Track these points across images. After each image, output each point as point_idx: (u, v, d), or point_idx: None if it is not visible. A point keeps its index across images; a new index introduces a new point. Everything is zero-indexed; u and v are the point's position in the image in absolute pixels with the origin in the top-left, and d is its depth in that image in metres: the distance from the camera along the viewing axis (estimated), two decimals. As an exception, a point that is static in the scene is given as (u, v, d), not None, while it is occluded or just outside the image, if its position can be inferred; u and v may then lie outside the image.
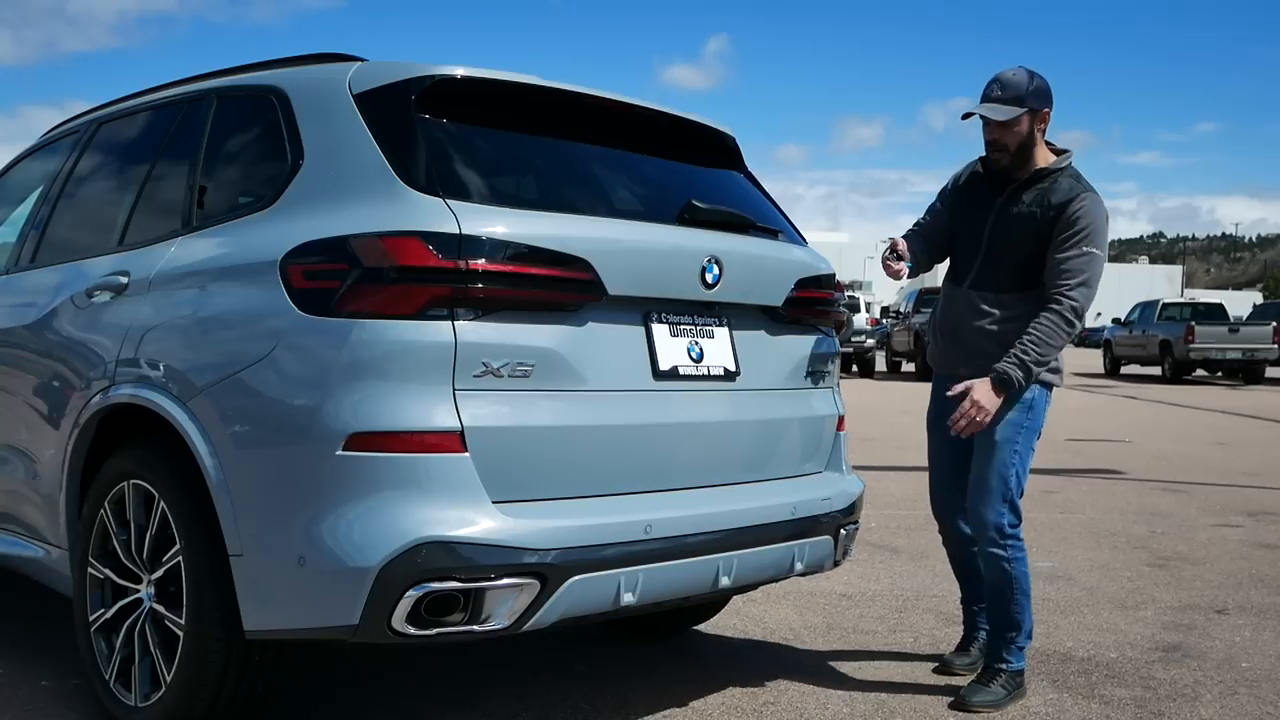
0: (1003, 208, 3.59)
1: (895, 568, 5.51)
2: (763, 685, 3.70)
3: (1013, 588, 3.55)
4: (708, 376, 3.17)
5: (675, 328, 3.12)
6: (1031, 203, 3.53)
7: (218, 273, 3.03)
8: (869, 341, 25.28)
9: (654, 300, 3.06)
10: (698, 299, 3.14)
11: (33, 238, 4.01)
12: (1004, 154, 3.54)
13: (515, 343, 2.75)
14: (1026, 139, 3.52)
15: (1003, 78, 3.51)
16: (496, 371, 2.71)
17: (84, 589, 3.26)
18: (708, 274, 3.12)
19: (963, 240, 3.70)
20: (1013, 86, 3.49)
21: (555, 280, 2.81)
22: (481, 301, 2.70)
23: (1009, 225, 3.56)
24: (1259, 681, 3.85)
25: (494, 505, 2.67)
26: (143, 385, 3.07)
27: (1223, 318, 25.49)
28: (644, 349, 3.04)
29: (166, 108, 3.75)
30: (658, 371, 3.05)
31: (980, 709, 3.45)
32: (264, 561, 2.73)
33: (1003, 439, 3.52)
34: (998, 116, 3.48)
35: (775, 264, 3.43)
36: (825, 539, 3.41)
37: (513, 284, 2.74)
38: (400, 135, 2.93)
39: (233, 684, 2.90)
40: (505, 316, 2.73)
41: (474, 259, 2.67)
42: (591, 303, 2.89)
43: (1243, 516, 7.24)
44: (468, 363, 2.68)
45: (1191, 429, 13.42)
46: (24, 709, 3.35)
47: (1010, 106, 3.48)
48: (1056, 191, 3.52)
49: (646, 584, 2.88)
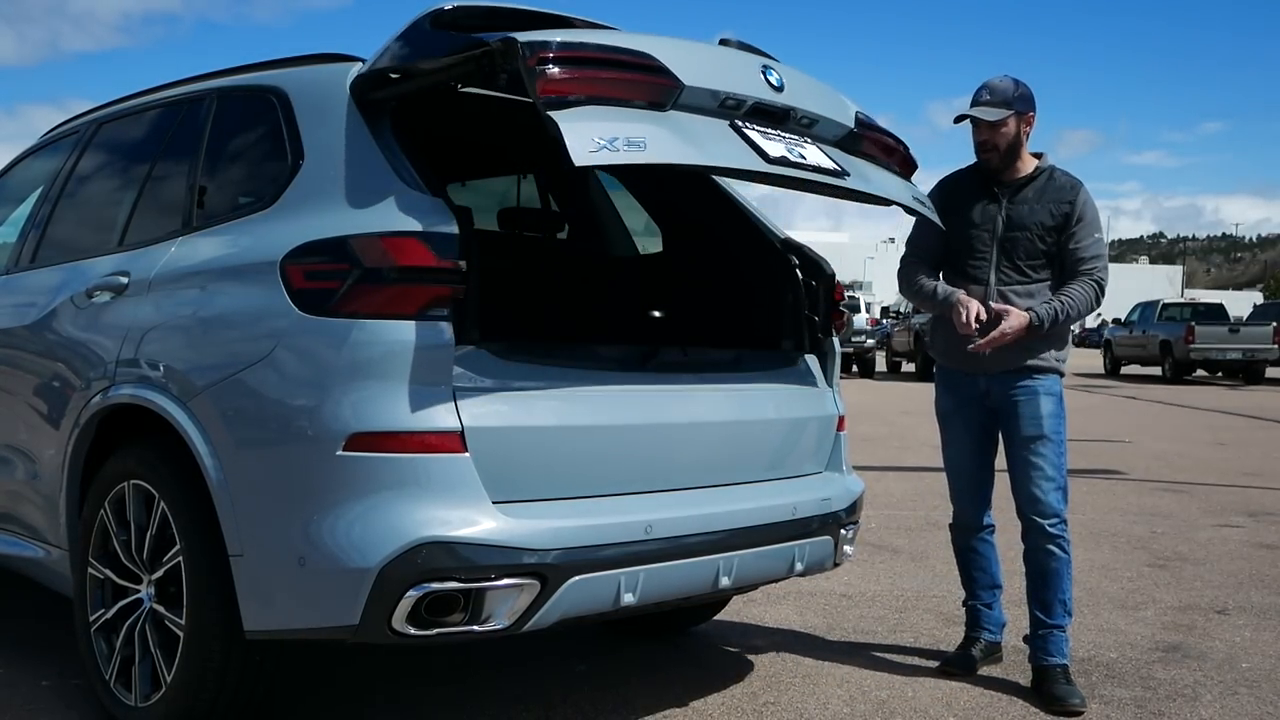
0: (1010, 207, 3.76)
1: (895, 568, 5.51)
2: (763, 685, 3.70)
3: (1068, 570, 3.71)
4: (820, 170, 3.07)
5: (765, 134, 3.00)
6: (1036, 199, 3.75)
7: (218, 273, 3.03)
8: (869, 342, 25.30)
9: (730, 103, 2.95)
10: (772, 101, 3.03)
11: (33, 237, 4.01)
12: (994, 154, 3.76)
13: (620, 122, 2.66)
14: (1014, 140, 3.75)
15: (991, 84, 3.76)
16: (612, 146, 2.59)
17: (84, 589, 3.26)
18: (769, 75, 3.05)
19: (970, 243, 3.79)
20: (1000, 91, 3.74)
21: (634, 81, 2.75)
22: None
23: (1021, 222, 3.74)
24: (1259, 682, 3.85)
25: (494, 505, 2.68)
26: (143, 385, 3.07)
27: (1223, 318, 25.47)
28: (743, 143, 2.93)
29: (167, 108, 3.75)
30: (767, 158, 2.93)
31: (1082, 708, 3.50)
32: (264, 562, 2.73)
33: (1050, 430, 3.70)
34: (988, 117, 3.71)
35: (828, 90, 3.34)
36: (826, 539, 3.41)
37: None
38: (400, 135, 2.94)
39: (233, 684, 2.90)
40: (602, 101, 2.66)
41: None
42: (671, 89, 2.80)
43: (1243, 517, 7.23)
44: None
45: (1192, 429, 13.42)
46: (25, 708, 3.35)
47: (999, 109, 3.71)
48: (1058, 187, 3.76)
49: (647, 584, 2.88)
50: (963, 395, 3.84)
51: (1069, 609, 3.73)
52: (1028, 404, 3.70)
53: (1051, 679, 3.61)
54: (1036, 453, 3.69)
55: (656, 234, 4.36)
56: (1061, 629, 3.70)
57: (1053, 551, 3.69)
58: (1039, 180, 3.77)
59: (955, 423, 3.90)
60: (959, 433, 3.90)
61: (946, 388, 3.93)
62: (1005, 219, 3.75)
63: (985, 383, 3.77)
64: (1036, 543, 3.71)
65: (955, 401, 3.88)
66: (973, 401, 3.82)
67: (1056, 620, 3.70)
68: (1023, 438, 3.71)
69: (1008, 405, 3.73)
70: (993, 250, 3.75)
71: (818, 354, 3.66)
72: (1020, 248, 3.73)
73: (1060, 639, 3.69)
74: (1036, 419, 3.69)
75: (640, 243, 4.56)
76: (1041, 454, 3.69)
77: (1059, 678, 3.61)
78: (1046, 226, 3.72)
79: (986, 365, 3.73)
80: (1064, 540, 3.69)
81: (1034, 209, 3.73)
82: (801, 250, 3.75)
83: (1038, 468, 3.68)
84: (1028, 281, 3.73)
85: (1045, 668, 3.66)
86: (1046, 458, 3.69)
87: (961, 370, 3.82)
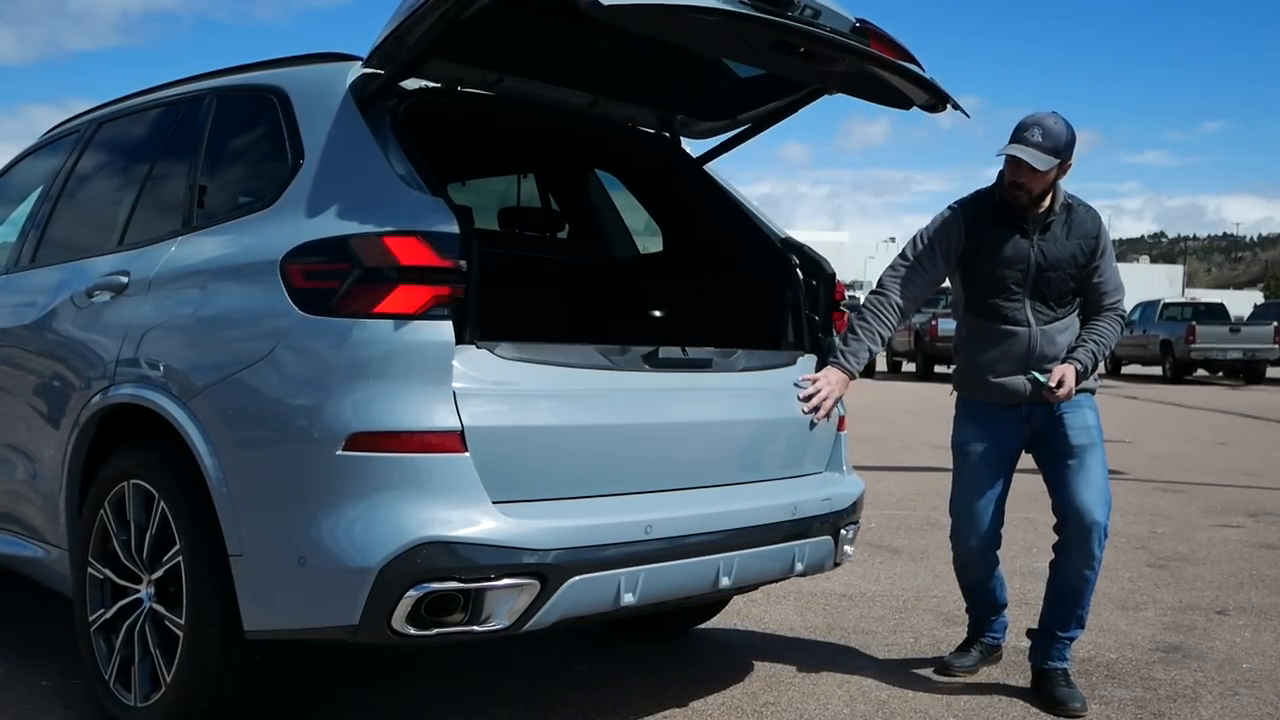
0: (1043, 245, 3.63)
1: (895, 568, 5.51)
2: (763, 685, 3.70)
3: (1093, 587, 3.65)
4: (834, 32, 3.00)
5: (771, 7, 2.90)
6: (1065, 235, 3.64)
7: (218, 273, 3.03)
8: (869, 341, 25.23)
9: None
10: None
11: (33, 237, 4.01)
12: (1024, 194, 3.58)
13: None
14: (1050, 186, 3.59)
15: (1045, 124, 3.50)
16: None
17: (84, 589, 3.25)
18: None
19: (1003, 282, 3.66)
20: (1054, 136, 3.49)
21: None
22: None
23: (1056, 261, 3.63)
24: (1259, 682, 3.85)
25: (494, 505, 2.67)
26: (143, 385, 3.07)
27: (1224, 318, 25.47)
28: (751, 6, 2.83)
29: (167, 107, 3.75)
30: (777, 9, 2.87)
31: (1082, 711, 3.49)
32: (264, 561, 2.72)
33: (1096, 442, 3.68)
34: (1040, 166, 3.47)
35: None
36: (826, 539, 3.41)
37: None
38: (400, 135, 2.94)
39: (233, 684, 2.89)
40: None
41: None
42: None
43: (1243, 517, 7.23)
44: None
45: (1192, 429, 13.42)
46: (25, 708, 3.35)
47: (1049, 156, 3.48)
48: (1081, 221, 3.66)
49: (647, 584, 2.88)
50: (995, 426, 3.72)
51: (1083, 623, 3.69)
52: (1075, 415, 3.64)
53: (1052, 681, 3.61)
54: (1086, 464, 3.60)
55: (657, 233, 4.36)
56: (1071, 640, 3.68)
57: (1085, 574, 3.59)
58: (1064, 215, 3.65)
59: (977, 458, 3.75)
60: (979, 468, 3.75)
61: (974, 419, 3.78)
62: (1040, 258, 3.62)
63: (1028, 408, 3.69)
64: (1071, 562, 3.61)
65: (983, 433, 3.74)
66: (1006, 432, 3.71)
67: (1069, 633, 3.66)
68: (1071, 447, 3.62)
69: (1052, 420, 3.66)
70: (1026, 289, 3.64)
71: (818, 354, 3.66)
72: (1053, 286, 3.64)
73: (1066, 647, 3.67)
74: (1086, 428, 3.64)
75: (640, 242, 4.56)
76: (1091, 466, 3.60)
77: (1060, 680, 3.61)
78: (1078, 264, 3.64)
79: (1030, 397, 3.65)
80: (1099, 561, 3.60)
81: (1064, 245, 3.62)
82: (802, 250, 3.74)
83: (1089, 482, 3.59)
84: (1060, 318, 3.67)
85: (1046, 670, 3.65)
86: (1095, 470, 3.62)
87: (1002, 403, 3.72)
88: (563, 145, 4.29)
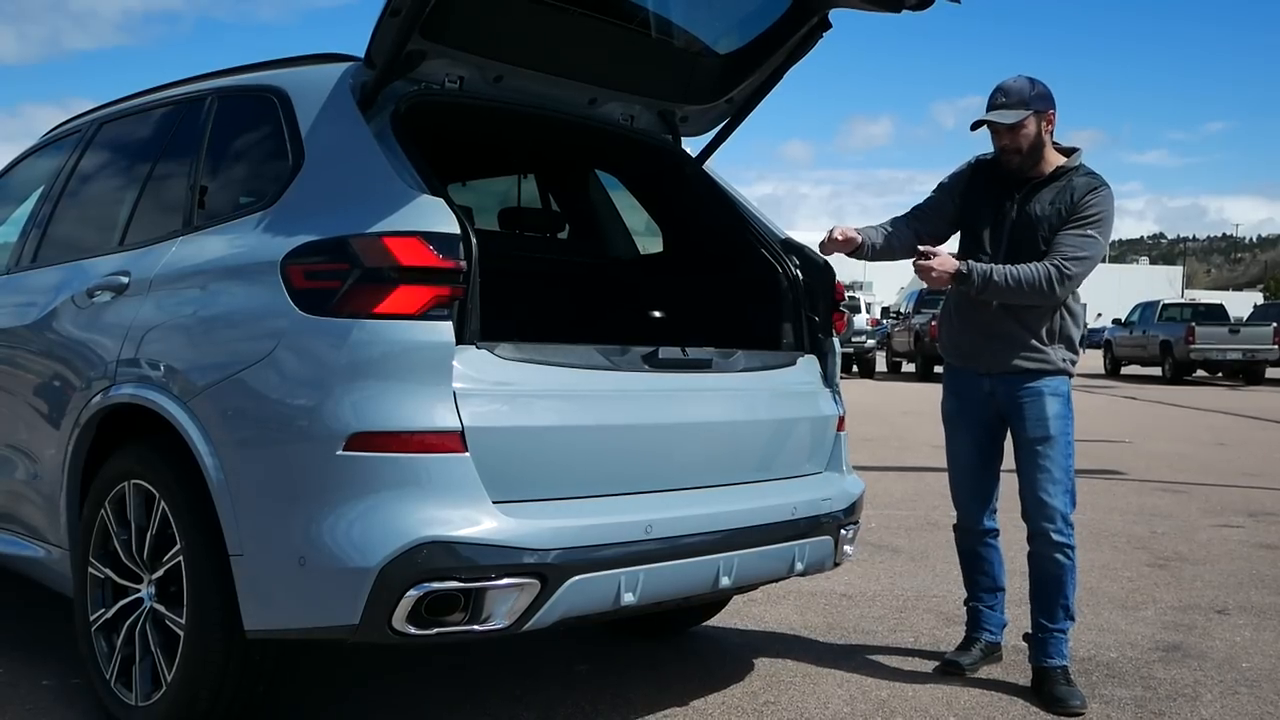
0: (1023, 207, 3.70)
1: (895, 568, 5.51)
2: (763, 684, 3.70)
3: (1072, 574, 3.69)
4: None
5: None
6: (1051, 201, 3.67)
7: (218, 273, 3.03)
8: (869, 342, 25.29)
9: None
10: None
11: (34, 237, 4.01)
12: (1016, 155, 3.67)
13: None
14: (1036, 140, 3.65)
15: (1005, 86, 3.66)
16: None
17: (84, 589, 3.26)
18: None
19: (981, 240, 3.77)
20: (1015, 92, 3.63)
21: None
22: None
23: (1032, 224, 3.68)
24: (1259, 681, 3.85)
25: (494, 505, 2.68)
26: (143, 385, 3.07)
27: (1223, 318, 25.48)
28: None
29: (168, 107, 3.76)
30: None
31: (1082, 709, 3.50)
32: (264, 561, 2.73)
33: (1057, 432, 3.67)
34: (1005, 120, 3.61)
35: None
36: (826, 539, 3.41)
37: None
38: (401, 135, 2.94)
39: (233, 684, 2.90)
40: None
41: None
42: None
43: (1243, 517, 7.23)
44: None
45: (1192, 429, 13.42)
46: (25, 708, 3.35)
47: (1015, 110, 3.61)
48: (1075, 188, 3.65)
49: (647, 584, 2.88)
50: (968, 396, 3.83)
51: (1071, 613, 3.72)
52: (1033, 405, 3.68)
53: (1052, 680, 3.61)
54: (1043, 455, 3.66)
55: (657, 234, 4.37)
56: (1063, 632, 3.70)
57: (1057, 559, 3.66)
58: (1060, 180, 3.67)
59: (959, 424, 3.89)
60: (962, 434, 3.88)
61: (952, 389, 3.91)
62: (1015, 216, 3.68)
63: (990, 384, 3.75)
64: (1041, 548, 3.69)
65: (961, 402, 3.87)
66: (978, 402, 3.81)
67: (1059, 624, 3.69)
68: (1028, 439, 3.68)
69: (1014, 407, 3.72)
70: (1001, 246, 3.70)
71: (818, 354, 3.66)
72: (1026, 248, 3.66)
73: (1061, 641, 3.69)
74: (1042, 420, 3.66)
75: (641, 243, 4.56)
76: (1048, 456, 3.65)
77: (1059, 679, 3.61)
78: (1052, 226, 3.64)
79: (987, 363, 3.72)
80: (1069, 547, 3.66)
81: (1045, 207, 3.65)
82: (802, 250, 3.75)
83: (1044, 470, 3.65)
84: None
85: (1045, 669, 3.66)
86: (1053, 459, 3.65)
87: (968, 369, 3.81)
88: (563, 145, 4.29)
